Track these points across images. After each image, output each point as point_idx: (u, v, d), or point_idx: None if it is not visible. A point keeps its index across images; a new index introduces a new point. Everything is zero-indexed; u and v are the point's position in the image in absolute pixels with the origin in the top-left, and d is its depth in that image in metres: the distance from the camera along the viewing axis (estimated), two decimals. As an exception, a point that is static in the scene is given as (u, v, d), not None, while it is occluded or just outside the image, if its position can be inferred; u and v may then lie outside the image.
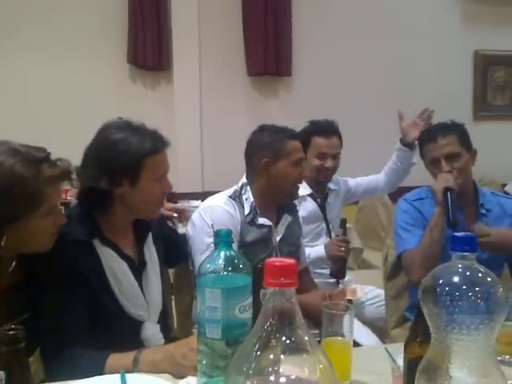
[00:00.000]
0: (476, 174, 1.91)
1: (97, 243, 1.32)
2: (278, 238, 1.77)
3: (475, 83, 4.43)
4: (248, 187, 1.75)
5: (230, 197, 1.73)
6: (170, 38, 3.62)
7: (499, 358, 1.19)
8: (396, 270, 1.99)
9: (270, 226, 1.74)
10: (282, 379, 0.54)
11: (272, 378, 0.54)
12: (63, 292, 1.24)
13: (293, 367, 0.56)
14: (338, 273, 2.21)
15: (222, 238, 0.91)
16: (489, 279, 0.72)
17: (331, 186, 2.44)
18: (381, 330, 2.14)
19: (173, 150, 1.48)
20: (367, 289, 2.46)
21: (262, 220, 1.73)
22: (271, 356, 0.54)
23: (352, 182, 2.61)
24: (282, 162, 1.71)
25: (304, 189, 2.32)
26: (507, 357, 1.19)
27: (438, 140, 1.76)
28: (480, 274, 0.73)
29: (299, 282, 1.71)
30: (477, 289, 0.70)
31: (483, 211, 1.82)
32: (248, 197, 1.73)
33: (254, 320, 0.88)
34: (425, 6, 4.10)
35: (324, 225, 2.37)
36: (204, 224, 1.65)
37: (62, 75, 3.55)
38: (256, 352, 0.55)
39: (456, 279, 0.72)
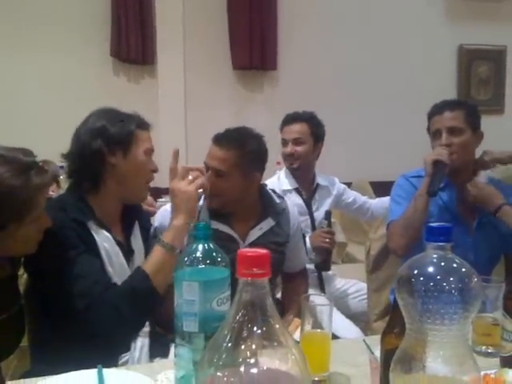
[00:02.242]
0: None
1: (92, 225, 1.35)
2: (247, 242, 1.64)
3: (459, 78, 4.47)
4: None
5: None
6: (153, 31, 3.59)
7: (477, 349, 1.21)
8: (378, 263, 2.00)
9: (227, 233, 1.62)
10: (254, 370, 0.54)
11: (243, 369, 0.54)
12: (76, 253, 1.27)
13: (265, 358, 0.55)
14: (323, 265, 2.22)
15: (199, 231, 0.90)
16: (463, 269, 0.73)
17: (320, 181, 2.42)
18: (364, 323, 2.16)
19: (157, 145, 1.50)
20: (351, 282, 2.47)
21: (216, 226, 1.58)
22: (243, 347, 0.54)
23: (350, 193, 2.60)
24: None
25: (290, 183, 2.35)
26: (484, 347, 1.20)
27: (444, 113, 1.77)
28: (455, 265, 0.73)
29: (292, 284, 1.66)
30: (451, 279, 0.71)
31: None
32: (203, 200, 1.63)
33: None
34: (409, 1, 4.12)
35: (309, 220, 2.36)
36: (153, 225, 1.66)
37: (45, 69, 3.49)
38: (227, 343, 0.55)
39: (431, 269, 0.72)
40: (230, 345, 0.55)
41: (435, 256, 0.73)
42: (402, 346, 0.74)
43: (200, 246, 0.89)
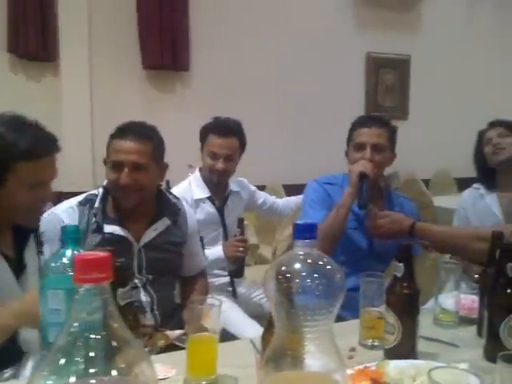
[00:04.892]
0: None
1: None
2: (142, 243, 1.61)
3: (368, 85, 4.68)
4: (101, 190, 1.62)
5: (80, 202, 1.58)
6: (55, 24, 3.39)
7: (363, 343, 1.26)
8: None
9: (120, 235, 1.57)
10: (92, 381, 0.51)
11: (82, 380, 0.51)
12: None
13: (108, 366, 0.52)
14: (237, 272, 2.22)
15: (68, 236, 0.85)
16: (329, 267, 0.74)
17: (233, 187, 2.38)
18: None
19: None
20: (260, 282, 2.49)
21: (110, 228, 1.56)
22: (77, 358, 0.51)
23: (260, 194, 2.60)
24: (108, 162, 1.59)
25: (203, 192, 2.27)
26: (370, 341, 1.25)
27: (372, 127, 1.83)
28: (320, 262, 0.74)
29: (191, 286, 1.62)
30: (315, 275, 0.72)
31: (388, 206, 1.91)
32: (99, 201, 1.59)
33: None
34: (318, 8, 4.27)
35: (221, 229, 2.32)
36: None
37: None
38: (63, 352, 0.51)
39: (296, 266, 0.73)
40: (66, 353, 0.51)
41: (301, 253, 0.73)
42: (272, 344, 0.74)
43: (68, 252, 0.84)
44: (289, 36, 4.14)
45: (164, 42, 3.62)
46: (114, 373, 0.52)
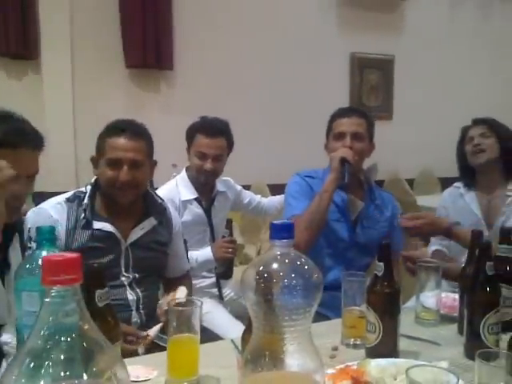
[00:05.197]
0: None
1: None
2: (129, 242, 1.62)
3: (352, 84, 4.70)
4: (89, 187, 1.62)
5: (68, 199, 1.57)
6: (37, 23, 3.33)
7: (346, 342, 1.26)
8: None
9: (109, 232, 1.58)
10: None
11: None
12: None
13: (79, 369, 0.51)
14: (225, 274, 2.21)
15: (43, 236, 0.83)
16: (306, 267, 0.74)
17: (220, 187, 2.35)
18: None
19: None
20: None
21: (99, 225, 1.56)
22: (48, 361, 0.50)
23: (245, 194, 2.58)
24: (101, 160, 1.58)
25: (190, 193, 2.24)
26: (352, 340, 1.25)
27: (351, 117, 1.87)
28: (298, 262, 0.74)
29: (174, 288, 1.59)
30: (293, 275, 0.72)
31: (369, 199, 1.94)
32: (87, 198, 1.58)
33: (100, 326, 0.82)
34: (302, 9, 4.27)
35: (208, 230, 2.29)
36: (26, 228, 1.47)
37: None
38: (33, 356, 0.50)
39: (274, 266, 0.72)
40: (36, 357, 0.50)
41: (279, 253, 0.73)
42: (251, 345, 0.74)
43: (43, 253, 0.82)
44: (273, 36, 4.13)
45: (147, 41, 3.58)
46: (86, 376, 0.51)
